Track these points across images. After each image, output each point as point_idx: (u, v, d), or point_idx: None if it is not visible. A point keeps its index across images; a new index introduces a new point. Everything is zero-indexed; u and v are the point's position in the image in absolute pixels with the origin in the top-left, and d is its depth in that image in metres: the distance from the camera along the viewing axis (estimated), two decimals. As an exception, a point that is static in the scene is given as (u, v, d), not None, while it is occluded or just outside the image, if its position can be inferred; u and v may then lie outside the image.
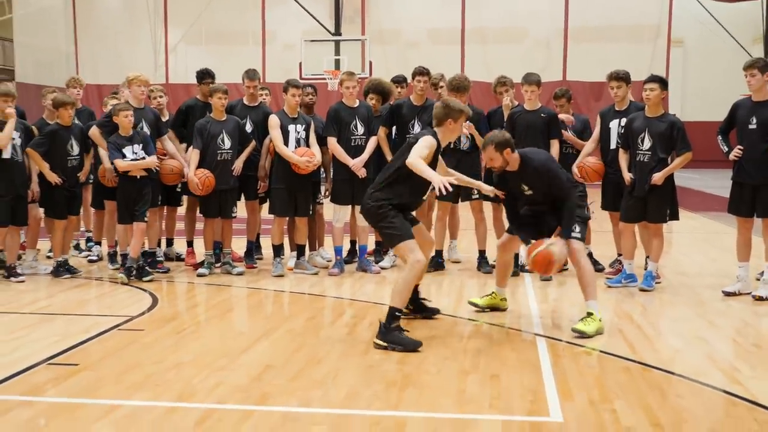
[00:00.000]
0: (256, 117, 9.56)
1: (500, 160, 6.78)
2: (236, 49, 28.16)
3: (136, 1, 29.93)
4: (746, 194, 8.15)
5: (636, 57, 25.36)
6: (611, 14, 27.52)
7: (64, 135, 9.09)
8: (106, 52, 28.89)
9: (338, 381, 5.43)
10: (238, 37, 29.29)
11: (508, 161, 6.79)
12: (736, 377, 5.55)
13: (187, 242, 9.99)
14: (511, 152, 6.77)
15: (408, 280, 6.39)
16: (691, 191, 20.55)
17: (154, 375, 5.52)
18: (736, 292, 8.18)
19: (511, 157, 6.78)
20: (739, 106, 8.24)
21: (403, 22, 28.76)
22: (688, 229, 13.40)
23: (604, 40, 27.56)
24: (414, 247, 6.42)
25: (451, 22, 28.24)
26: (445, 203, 9.51)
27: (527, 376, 5.54)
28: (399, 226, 6.48)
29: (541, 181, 6.86)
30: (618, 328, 6.91)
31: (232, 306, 8.10)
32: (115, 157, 8.81)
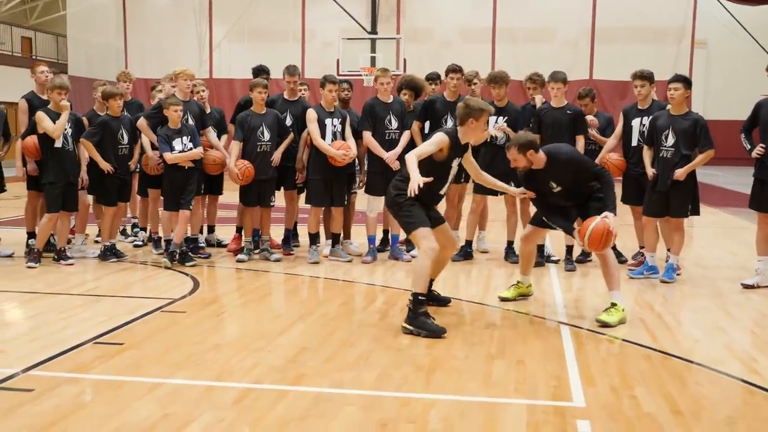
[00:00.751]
0: (296, 111, 9.56)
1: (524, 161, 6.72)
2: (277, 46, 28.19)
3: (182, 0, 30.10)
4: (767, 190, 8.04)
5: (660, 57, 25.10)
6: (637, 16, 27.23)
7: (115, 125, 9.15)
8: (154, 47, 29.06)
9: (369, 363, 5.42)
10: (278, 34, 29.32)
11: (532, 162, 6.73)
12: (754, 367, 5.48)
13: (236, 228, 10.01)
14: (534, 153, 6.70)
15: (423, 266, 6.35)
16: (713, 187, 20.30)
17: (194, 355, 5.54)
18: (755, 284, 8.08)
19: (535, 157, 6.71)
20: (762, 106, 8.14)
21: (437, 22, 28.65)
22: (709, 223, 13.23)
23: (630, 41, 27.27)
24: (427, 235, 6.39)
25: (483, 21, 28.09)
26: (481, 196, 9.46)
27: (551, 363, 5.50)
28: (414, 214, 6.45)
29: (570, 175, 6.80)
30: (639, 318, 6.85)
31: (270, 291, 8.12)
32: (164, 150, 8.86)
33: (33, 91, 9.46)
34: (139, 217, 10.63)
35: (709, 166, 12.68)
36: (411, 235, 6.58)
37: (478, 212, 9.67)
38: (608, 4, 27.50)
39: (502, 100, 9.30)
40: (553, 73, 9.02)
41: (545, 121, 8.90)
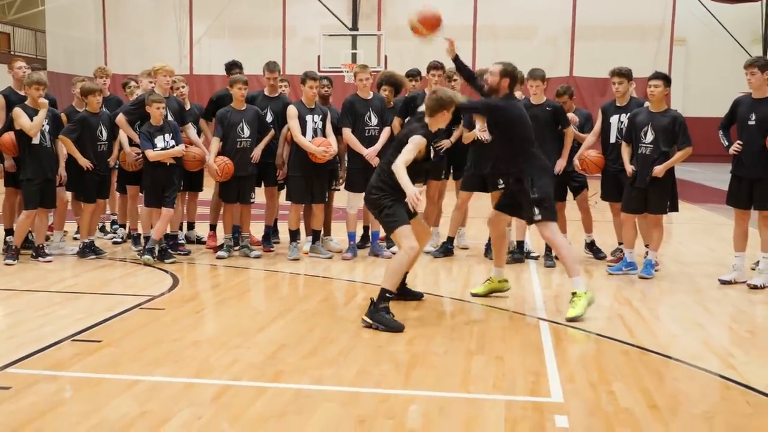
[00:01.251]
0: (276, 107, 9.54)
1: (496, 81, 6.96)
2: (258, 43, 28.12)
3: (163, -5, 29.97)
4: (744, 187, 8.11)
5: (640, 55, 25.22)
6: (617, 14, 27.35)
7: (94, 121, 9.10)
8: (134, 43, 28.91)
9: (349, 360, 5.42)
10: (259, 31, 29.24)
11: (498, 90, 6.96)
12: (731, 362, 5.52)
13: (210, 225, 9.98)
14: (507, 87, 6.95)
15: (401, 263, 6.41)
16: (691, 184, 20.42)
17: (173, 352, 5.52)
18: (732, 280, 8.14)
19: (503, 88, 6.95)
20: (740, 103, 8.20)
21: (418, 19, 28.64)
22: (687, 220, 13.31)
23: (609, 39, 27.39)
24: (408, 234, 6.43)
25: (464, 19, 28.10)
26: (467, 193, 9.46)
27: (530, 358, 5.51)
28: (395, 213, 6.50)
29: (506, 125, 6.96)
30: (618, 314, 6.88)
31: (249, 287, 8.10)
32: (146, 147, 8.81)
33: (10, 87, 9.37)
34: (118, 213, 10.57)
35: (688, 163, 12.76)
36: (393, 234, 6.59)
37: (463, 209, 9.67)
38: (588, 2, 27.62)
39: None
40: (532, 70, 9.03)
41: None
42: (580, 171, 9.06)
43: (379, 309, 6.25)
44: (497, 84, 6.93)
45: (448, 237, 9.64)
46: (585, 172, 9.10)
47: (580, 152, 8.99)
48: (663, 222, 8.56)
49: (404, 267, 6.45)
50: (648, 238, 8.61)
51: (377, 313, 6.23)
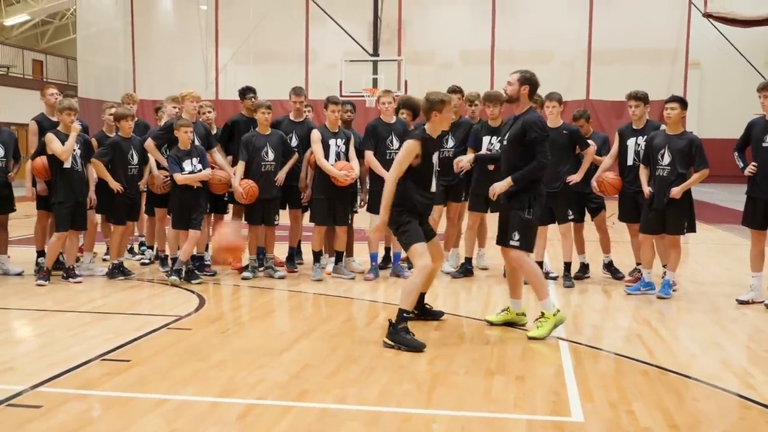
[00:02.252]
0: (301, 132, 9.56)
1: (516, 89, 6.74)
2: (281, 68, 28.30)
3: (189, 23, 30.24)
4: (759, 208, 8.04)
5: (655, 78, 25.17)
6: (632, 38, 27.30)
7: (125, 146, 9.18)
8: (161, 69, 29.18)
9: (371, 379, 5.39)
10: (283, 56, 29.44)
11: (519, 97, 6.73)
12: (750, 382, 5.44)
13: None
14: (527, 94, 6.75)
15: (415, 283, 6.40)
16: (708, 205, 20.27)
17: (199, 371, 5.52)
18: (750, 300, 8.05)
19: (525, 96, 6.74)
20: (754, 125, 8.15)
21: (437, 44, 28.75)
22: (705, 240, 13.21)
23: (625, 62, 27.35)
24: (423, 252, 6.42)
25: (482, 44, 28.20)
26: (477, 213, 9.45)
27: (550, 378, 5.48)
28: (411, 230, 6.50)
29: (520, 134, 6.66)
30: (637, 333, 6.81)
31: (274, 308, 8.10)
32: (174, 171, 8.87)
33: (43, 113, 9.49)
34: (146, 235, 10.62)
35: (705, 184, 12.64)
36: (408, 251, 6.58)
37: (474, 229, 9.63)
38: (604, 26, 27.60)
39: (497, 119, 9.25)
40: (549, 93, 9.03)
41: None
42: (598, 193, 9.02)
43: (399, 330, 6.22)
44: (517, 93, 6.72)
45: (466, 257, 9.60)
46: (603, 194, 9.06)
47: (597, 174, 8.96)
48: (680, 242, 8.49)
49: (418, 286, 6.43)
50: (665, 258, 8.55)
51: (397, 334, 6.21)
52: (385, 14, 27.42)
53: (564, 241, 9.01)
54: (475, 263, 9.84)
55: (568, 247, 9.03)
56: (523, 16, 27.97)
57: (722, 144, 11.26)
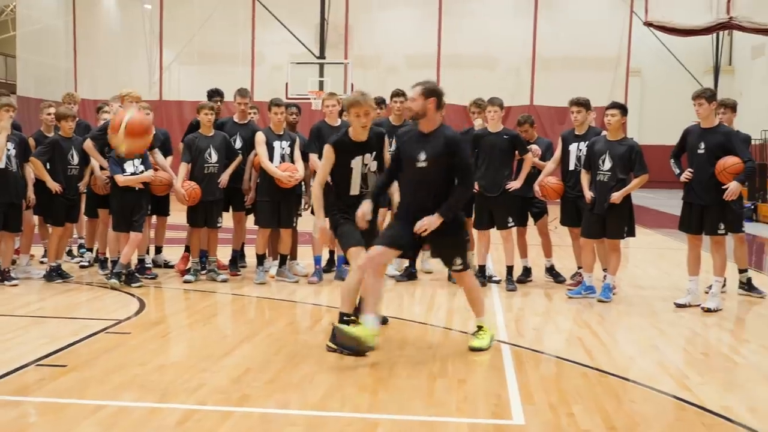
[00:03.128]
0: (246, 134, 9.47)
1: (420, 105, 6.08)
2: (227, 69, 27.99)
3: (133, 22, 29.78)
4: (695, 213, 8.21)
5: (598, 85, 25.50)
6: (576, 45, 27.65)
7: (65, 146, 9.01)
8: (104, 69, 28.68)
9: (314, 384, 5.35)
10: (228, 58, 29.15)
11: (426, 112, 6.07)
12: (686, 383, 5.54)
13: (185, 247, 9.83)
14: (434, 107, 6.08)
15: (350, 285, 6.34)
16: (648, 210, 20.65)
17: (138, 376, 5.42)
18: (687, 304, 8.20)
19: (432, 110, 6.07)
20: (689, 132, 8.32)
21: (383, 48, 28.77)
22: (644, 244, 13.44)
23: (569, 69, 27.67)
24: (357, 254, 6.35)
25: (428, 48, 28.27)
26: None
27: (492, 381, 5.50)
28: (345, 233, 6.48)
29: (444, 154, 6.05)
30: (577, 336, 6.89)
31: (216, 311, 8.00)
32: (115, 172, 8.71)
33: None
34: (85, 237, 10.42)
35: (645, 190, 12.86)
36: (345, 254, 6.58)
37: None
38: (549, 33, 27.91)
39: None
40: (491, 98, 9.09)
41: (482, 145, 8.97)
42: (540, 197, 9.13)
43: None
44: (423, 107, 6.08)
45: (409, 261, 9.61)
46: (545, 198, 9.17)
47: (540, 179, 9.06)
48: (620, 247, 8.62)
49: (355, 287, 6.39)
50: (606, 262, 8.67)
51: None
52: (332, 17, 27.38)
53: (506, 245, 9.07)
54: (419, 267, 9.85)
55: (510, 251, 9.09)
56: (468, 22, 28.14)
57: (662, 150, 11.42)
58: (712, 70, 30.59)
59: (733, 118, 8.76)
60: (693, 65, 28.70)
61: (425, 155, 6.08)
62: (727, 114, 8.68)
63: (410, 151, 6.18)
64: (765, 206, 18.92)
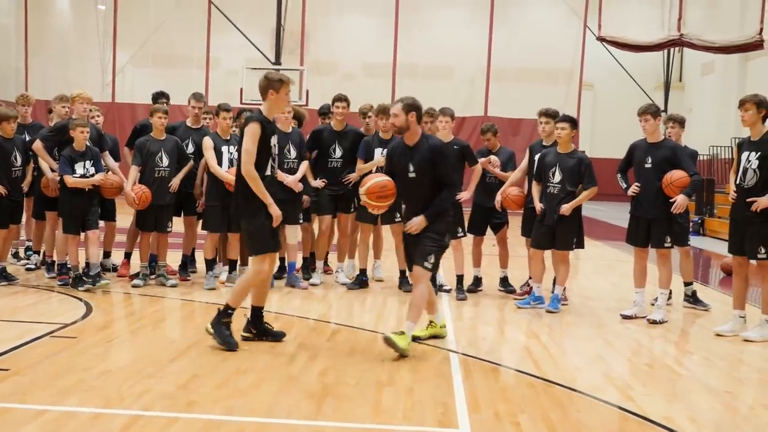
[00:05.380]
0: (198, 138, 9.39)
1: (403, 120, 6.51)
2: (181, 73, 27.78)
3: (86, 23, 29.36)
4: (642, 226, 8.33)
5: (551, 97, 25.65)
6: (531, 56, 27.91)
7: (8, 147, 8.83)
8: (56, 69, 28.22)
9: (261, 390, 5.34)
10: (183, 61, 28.90)
11: (409, 126, 6.53)
12: (630, 394, 5.62)
13: (125, 253, 9.75)
14: (415, 119, 6.55)
15: (244, 283, 6.61)
16: (597, 222, 20.92)
17: (83, 381, 5.35)
18: (633, 315, 8.32)
19: (413, 123, 6.53)
20: (636, 147, 8.45)
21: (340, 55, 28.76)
22: (593, 256, 13.61)
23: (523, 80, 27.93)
24: (263, 260, 6.54)
25: (385, 57, 28.33)
26: (367, 225, 9.47)
27: (439, 389, 5.52)
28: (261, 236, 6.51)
29: (430, 163, 6.52)
30: (525, 346, 6.96)
31: (164, 317, 7.92)
32: (65, 172, 8.58)
33: None
34: (33, 239, 10.23)
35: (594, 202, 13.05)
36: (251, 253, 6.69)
37: (367, 241, 9.65)
38: (503, 45, 28.12)
39: (388, 132, 9.28)
40: (442, 108, 9.14)
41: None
42: (499, 208, 9.13)
43: (221, 323, 6.44)
44: (405, 122, 6.52)
45: (360, 269, 9.61)
46: (506, 208, 9.18)
47: (502, 189, 9.07)
48: (570, 258, 8.71)
49: (248, 286, 6.59)
50: (556, 273, 8.74)
51: (219, 325, 6.43)
52: (289, 23, 27.29)
53: (455, 255, 9.09)
54: (370, 275, 9.86)
55: (460, 260, 9.13)
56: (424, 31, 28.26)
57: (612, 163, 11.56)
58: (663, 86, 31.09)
59: (681, 133, 8.93)
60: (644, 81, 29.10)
61: (413, 166, 6.57)
62: (675, 129, 8.85)
63: (400, 163, 6.68)
64: (712, 221, 19.26)
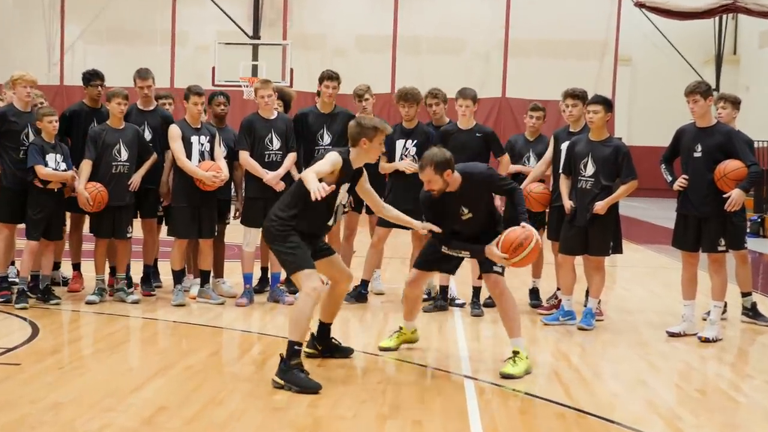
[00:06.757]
0: (154, 122, 9.40)
1: (440, 183, 6.70)
2: (142, 50, 27.83)
3: (28, -8, 29.47)
4: (691, 227, 8.27)
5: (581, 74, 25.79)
6: (555, 28, 27.97)
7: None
8: (-7, 47, 28.34)
9: (241, 425, 5.35)
10: (144, 36, 29.00)
11: (448, 183, 6.75)
12: (679, 426, 5.62)
13: (72, 265, 9.74)
14: (452, 173, 6.72)
15: (303, 310, 6.35)
16: (637, 222, 20.94)
17: (29, 416, 5.37)
18: (681, 332, 8.29)
19: (452, 178, 6.74)
20: (683, 133, 8.38)
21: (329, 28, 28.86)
22: (633, 262, 13.61)
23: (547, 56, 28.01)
24: (310, 275, 6.39)
25: (382, 29, 28.39)
26: (385, 229, 9.44)
27: (452, 423, 5.53)
28: (298, 255, 6.46)
29: (484, 196, 6.96)
30: (553, 370, 6.96)
31: (124, 338, 7.93)
32: (36, 162, 8.60)
33: None
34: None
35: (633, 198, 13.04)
36: (293, 276, 6.55)
37: (380, 248, 9.64)
38: (523, 14, 28.17)
39: (412, 120, 9.31)
40: (462, 89, 9.12)
41: (451, 145, 8.90)
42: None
43: (291, 366, 6.17)
44: (444, 184, 6.70)
45: (362, 280, 9.59)
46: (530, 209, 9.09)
47: (525, 183, 9.04)
48: (605, 265, 8.70)
49: (308, 313, 6.37)
50: (589, 283, 8.71)
51: (289, 371, 6.15)
52: (269, -11, 27.42)
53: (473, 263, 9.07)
54: (371, 288, 9.85)
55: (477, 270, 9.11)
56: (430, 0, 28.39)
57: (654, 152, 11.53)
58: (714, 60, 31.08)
59: (734, 116, 8.85)
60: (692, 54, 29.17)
61: (467, 208, 6.92)
62: (727, 110, 8.76)
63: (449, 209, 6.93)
64: (774, 220, 19.25)
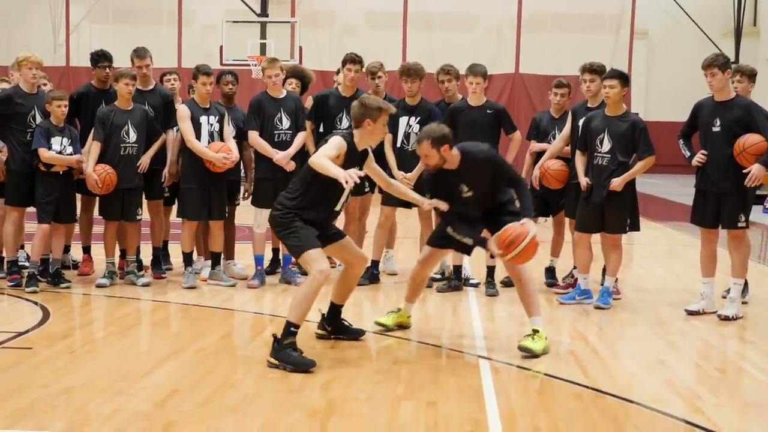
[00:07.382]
0: (154, 101, 9.45)
1: (436, 157, 6.77)
2: (148, 30, 27.82)
3: (32, -28, 29.48)
4: (710, 203, 8.25)
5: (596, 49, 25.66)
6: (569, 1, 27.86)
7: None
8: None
9: (254, 408, 5.38)
10: (150, 16, 28.99)
11: (445, 159, 6.80)
12: (698, 405, 5.63)
13: (82, 248, 9.80)
14: (449, 149, 6.78)
15: (308, 293, 6.39)
16: (654, 198, 20.89)
17: (41, 400, 5.40)
18: (700, 311, 8.28)
19: (449, 154, 6.79)
20: (702, 107, 8.34)
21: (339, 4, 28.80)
22: (650, 240, 13.60)
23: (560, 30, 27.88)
24: (317, 257, 6.41)
25: (393, 4, 28.30)
26: (390, 208, 9.48)
27: (467, 403, 5.54)
28: (302, 236, 6.49)
29: (485, 177, 6.94)
30: (570, 350, 6.97)
31: (135, 322, 7.98)
32: (40, 145, 8.65)
33: None
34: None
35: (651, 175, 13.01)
36: (300, 259, 6.59)
37: (386, 227, 9.66)
38: (537, -13, 28.07)
39: (415, 96, 9.33)
40: (472, 65, 9.11)
41: (461, 122, 8.93)
42: (537, 185, 9.08)
43: (284, 346, 6.24)
44: (440, 159, 6.77)
45: (372, 261, 9.61)
46: (547, 187, 9.11)
47: (542, 161, 9.05)
48: (622, 243, 8.70)
49: (312, 296, 6.41)
50: (606, 261, 8.71)
51: (282, 351, 6.22)
52: (277, -34, 27.35)
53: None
54: (382, 268, 9.88)
55: (491, 248, 9.12)
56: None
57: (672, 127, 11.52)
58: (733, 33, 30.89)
59: (750, 89, 8.77)
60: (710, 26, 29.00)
61: (467, 186, 6.95)
62: (743, 83, 8.63)
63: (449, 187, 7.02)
64: (793, 195, 19.16)
